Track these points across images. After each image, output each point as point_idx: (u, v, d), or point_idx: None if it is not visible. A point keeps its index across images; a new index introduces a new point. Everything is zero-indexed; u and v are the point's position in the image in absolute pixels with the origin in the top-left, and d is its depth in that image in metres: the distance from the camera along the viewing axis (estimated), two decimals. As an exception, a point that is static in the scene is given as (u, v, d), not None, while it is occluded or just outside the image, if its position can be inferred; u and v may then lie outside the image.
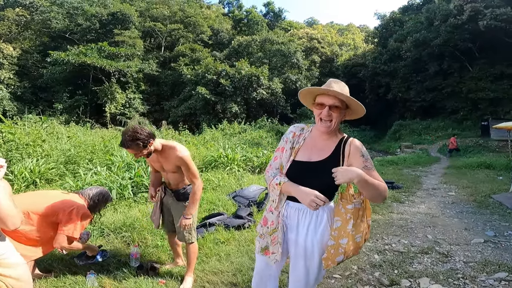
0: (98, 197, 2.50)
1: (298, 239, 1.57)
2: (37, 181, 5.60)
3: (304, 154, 1.57)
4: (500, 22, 19.70)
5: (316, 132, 1.60)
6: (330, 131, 1.53)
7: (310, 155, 1.55)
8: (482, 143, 17.59)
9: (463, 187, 7.07)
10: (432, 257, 3.45)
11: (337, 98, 1.47)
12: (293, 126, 1.69)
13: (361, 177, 1.31)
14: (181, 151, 2.40)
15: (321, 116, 1.49)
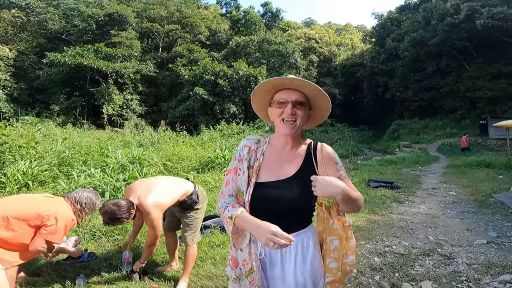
0: (85, 200, 2.39)
1: (286, 277, 1.25)
2: (29, 184, 5.50)
3: (268, 173, 1.26)
4: (497, 21, 19.71)
5: (277, 142, 1.31)
6: (295, 135, 1.26)
7: (277, 173, 1.25)
8: (481, 142, 17.57)
9: (464, 187, 6.99)
10: (434, 259, 3.36)
11: (301, 93, 1.23)
12: (246, 139, 1.36)
13: (345, 192, 1.09)
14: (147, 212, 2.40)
15: (284, 116, 1.21)
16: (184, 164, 7.39)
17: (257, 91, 1.28)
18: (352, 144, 18.02)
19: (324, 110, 1.30)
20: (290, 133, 1.22)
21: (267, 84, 1.24)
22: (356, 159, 13.85)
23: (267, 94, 1.29)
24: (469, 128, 21.74)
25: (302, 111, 1.22)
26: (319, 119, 1.35)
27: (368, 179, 7.41)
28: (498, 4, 20.09)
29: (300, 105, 1.22)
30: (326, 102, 1.26)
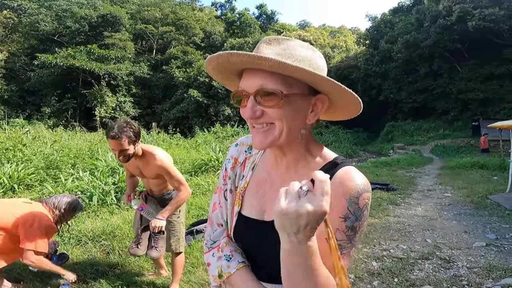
0: (65, 206, 2.27)
1: None
2: (15, 187, 5.34)
3: (253, 202, 0.80)
4: (489, 23, 19.84)
5: (268, 156, 0.82)
6: (279, 145, 0.70)
7: (263, 205, 0.78)
8: (474, 143, 17.67)
9: (459, 188, 6.96)
10: (433, 263, 3.29)
11: (276, 73, 0.64)
12: (235, 145, 0.92)
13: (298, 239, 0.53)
14: (161, 159, 2.20)
15: (246, 117, 0.69)
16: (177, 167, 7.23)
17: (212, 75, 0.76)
18: (346, 146, 18.05)
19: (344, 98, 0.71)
20: (260, 144, 0.69)
21: (213, 64, 0.70)
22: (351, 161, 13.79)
23: (232, 77, 0.75)
24: (462, 130, 21.89)
25: (276, 107, 0.65)
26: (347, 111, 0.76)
27: (364, 181, 7.32)
28: (490, 5, 20.24)
29: (268, 96, 0.64)
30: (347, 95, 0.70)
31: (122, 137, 2.02)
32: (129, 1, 38.91)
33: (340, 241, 0.65)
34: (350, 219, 0.65)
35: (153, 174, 2.28)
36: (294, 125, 0.68)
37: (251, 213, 0.80)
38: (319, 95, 0.70)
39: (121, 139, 2.02)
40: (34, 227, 2.00)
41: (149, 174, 2.30)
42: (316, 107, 0.70)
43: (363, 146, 24.11)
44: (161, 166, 2.19)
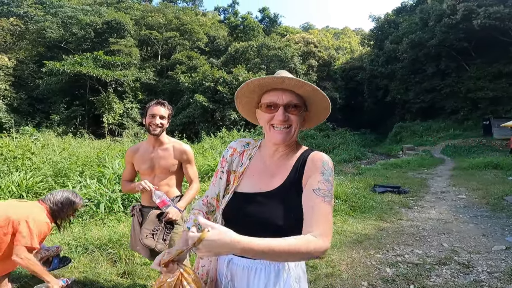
0: (62, 200, 2.20)
1: None
2: (24, 195, 5.35)
3: (250, 182, 1.07)
4: (494, 21, 19.59)
5: (267, 150, 1.11)
6: (290, 143, 1.06)
7: (259, 183, 1.06)
8: (485, 142, 17.32)
9: (474, 189, 6.76)
10: (451, 268, 3.16)
11: (294, 93, 1.01)
12: (234, 141, 1.22)
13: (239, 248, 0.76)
14: (186, 144, 2.24)
15: (274, 122, 1.01)
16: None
17: (240, 93, 1.07)
18: (354, 148, 17.79)
19: (322, 110, 1.09)
20: (282, 141, 1.02)
21: (252, 84, 1.02)
22: (360, 163, 13.62)
23: (253, 95, 1.08)
24: (473, 129, 21.51)
25: (297, 115, 1.02)
26: (317, 120, 1.15)
27: (374, 184, 7.17)
28: (494, 3, 20.03)
29: (294, 108, 1.01)
30: (324, 102, 1.05)
31: (166, 105, 2.14)
32: (132, 8, 39.41)
33: (323, 190, 0.95)
34: (325, 174, 0.99)
35: (169, 166, 2.15)
36: (298, 129, 1.04)
37: (249, 189, 1.06)
38: (306, 112, 1.08)
39: (167, 107, 2.14)
40: (26, 222, 1.96)
41: (165, 165, 2.14)
42: (305, 121, 1.10)
43: (371, 147, 23.81)
44: (186, 150, 2.18)
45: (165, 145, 2.17)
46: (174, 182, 2.22)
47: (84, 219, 4.29)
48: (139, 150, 2.21)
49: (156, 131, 2.08)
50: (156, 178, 2.16)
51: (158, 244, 1.98)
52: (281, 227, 0.96)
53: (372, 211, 5.17)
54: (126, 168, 2.30)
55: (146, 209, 2.17)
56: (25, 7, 31.44)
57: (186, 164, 2.20)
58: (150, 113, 2.08)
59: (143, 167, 2.17)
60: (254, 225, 0.98)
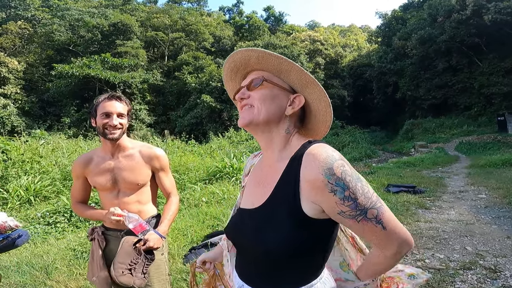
0: None
1: None
2: (32, 199, 5.32)
3: (246, 195, 0.94)
4: (505, 16, 19.30)
5: (265, 156, 0.92)
6: (254, 126, 0.83)
7: (252, 197, 0.89)
8: (501, 139, 16.80)
9: (494, 189, 6.46)
10: (477, 273, 2.97)
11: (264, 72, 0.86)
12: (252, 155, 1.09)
13: None
14: (159, 149, 1.73)
15: (237, 100, 0.88)
16: (191, 174, 7.09)
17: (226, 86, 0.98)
18: (365, 146, 17.49)
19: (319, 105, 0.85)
20: (242, 120, 0.83)
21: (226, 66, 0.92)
22: (371, 161, 13.35)
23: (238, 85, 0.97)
24: (487, 125, 20.99)
25: (259, 90, 0.82)
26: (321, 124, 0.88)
27: (388, 184, 6.93)
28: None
29: (254, 82, 0.84)
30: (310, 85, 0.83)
31: (122, 99, 1.61)
32: (138, 9, 39.72)
33: (347, 212, 0.70)
34: (338, 191, 0.69)
35: (137, 178, 1.63)
36: (271, 109, 0.82)
37: (245, 204, 0.90)
38: (297, 94, 0.85)
39: (124, 101, 1.62)
40: None
41: (131, 178, 1.62)
42: (294, 103, 0.84)
43: (381, 145, 23.44)
44: (158, 155, 1.68)
45: (128, 151, 1.65)
46: (146, 198, 1.70)
47: (91, 223, 4.21)
48: (93, 160, 1.64)
49: (115, 134, 1.56)
50: (121, 195, 1.63)
51: (137, 279, 1.52)
52: (269, 251, 0.76)
53: (387, 212, 4.95)
54: (75, 184, 1.71)
55: (111, 233, 1.65)
56: (32, 10, 31.93)
57: (159, 172, 1.71)
58: (103, 111, 1.54)
59: (101, 182, 1.61)
60: (246, 248, 0.85)
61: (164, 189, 1.74)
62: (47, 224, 4.32)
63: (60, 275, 2.93)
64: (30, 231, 4.10)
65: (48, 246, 3.68)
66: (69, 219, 4.44)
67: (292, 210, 0.74)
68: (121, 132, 1.59)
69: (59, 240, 3.87)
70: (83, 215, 1.72)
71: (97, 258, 1.61)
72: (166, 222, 1.63)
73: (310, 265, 0.80)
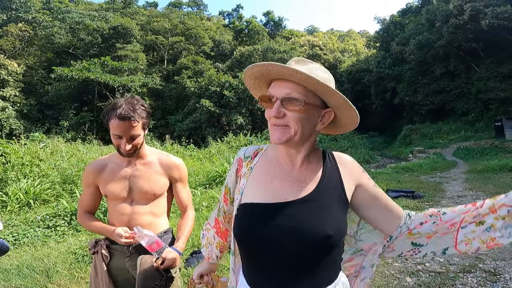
0: None
1: None
2: (31, 203, 5.31)
3: (262, 190, 0.90)
4: (502, 21, 19.39)
5: (280, 153, 0.95)
6: (294, 144, 0.88)
7: (281, 192, 0.88)
8: (498, 144, 16.94)
9: (492, 194, 6.50)
10: (477, 276, 3.02)
11: (300, 86, 0.83)
12: (243, 148, 1.05)
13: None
14: (178, 158, 1.65)
15: (267, 117, 0.88)
16: (191, 179, 7.10)
17: (246, 79, 0.94)
18: (363, 152, 17.56)
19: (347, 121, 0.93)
20: (277, 140, 0.85)
21: (254, 69, 0.88)
22: (369, 167, 13.39)
23: (262, 84, 0.94)
24: (484, 131, 21.14)
25: (295, 112, 0.83)
26: (348, 124, 0.94)
27: (387, 189, 6.96)
28: (501, 3, 19.86)
29: (293, 102, 0.82)
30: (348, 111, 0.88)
31: (135, 117, 1.41)
32: (138, 13, 39.98)
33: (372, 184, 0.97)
34: (365, 172, 0.99)
35: (153, 188, 1.53)
36: (306, 129, 0.86)
37: (267, 199, 0.87)
38: (328, 109, 0.88)
39: (138, 116, 1.42)
40: None
41: (147, 187, 1.52)
42: (324, 118, 0.89)
43: (379, 150, 23.54)
44: (177, 165, 1.59)
45: (146, 159, 1.56)
46: (161, 210, 1.60)
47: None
48: (107, 166, 1.54)
49: (129, 155, 1.47)
50: (134, 205, 1.52)
51: None
52: (330, 236, 0.82)
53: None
54: (85, 192, 1.57)
55: (116, 247, 1.53)
56: (33, 13, 32.04)
57: (177, 183, 1.61)
58: (114, 132, 1.42)
59: (115, 190, 1.50)
60: (287, 241, 0.83)
61: (180, 201, 1.63)
62: (47, 227, 4.32)
63: (61, 279, 2.93)
64: (30, 234, 4.09)
65: (49, 249, 3.67)
66: (69, 223, 4.44)
67: (339, 196, 0.90)
68: (136, 150, 1.48)
69: (59, 243, 3.87)
70: (89, 228, 1.55)
71: (102, 274, 1.51)
72: (184, 239, 1.51)
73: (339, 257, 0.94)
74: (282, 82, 0.85)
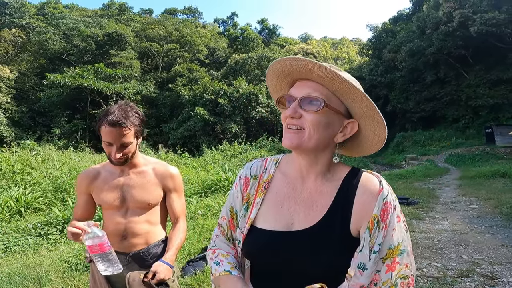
0: None
1: None
2: (22, 211, 5.21)
3: (272, 214, 0.83)
4: (491, 27, 19.65)
5: (292, 167, 0.87)
6: (307, 150, 0.78)
7: (288, 219, 0.81)
8: (489, 150, 17.21)
9: (485, 199, 6.60)
10: (475, 280, 3.03)
11: (324, 87, 0.76)
12: (248, 165, 0.95)
13: None
14: (173, 167, 1.61)
15: (283, 118, 0.80)
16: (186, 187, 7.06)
17: (268, 80, 0.87)
18: (357, 159, 17.63)
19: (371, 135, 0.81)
20: (289, 143, 0.76)
21: (276, 66, 0.80)
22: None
23: (284, 87, 0.86)
24: (475, 137, 21.44)
25: (315, 114, 0.74)
26: (373, 141, 0.82)
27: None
28: (489, 10, 20.09)
29: (312, 102, 0.74)
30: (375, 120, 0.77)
31: (127, 124, 1.36)
32: (133, 20, 39.95)
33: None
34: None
35: (148, 197, 1.49)
36: (323, 136, 0.76)
37: (272, 224, 0.81)
38: (351, 119, 0.78)
39: (126, 127, 1.36)
40: None
41: (141, 197, 1.48)
42: (346, 129, 0.78)
43: (373, 158, 23.66)
44: (172, 174, 1.55)
45: (140, 168, 1.52)
46: (157, 219, 1.56)
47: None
48: (100, 174, 1.50)
49: (120, 163, 1.42)
50: (129, 214, 1.48)
51: None
52: (328, 271, 0.76)
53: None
54: (78, 201, 1.54)
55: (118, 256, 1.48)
56: (28, 18, 31.75)
57: (171, 193, 1.56)
58: (105, 139, 1.38)
59: (109, 200, 1.45)
60: (286, 272, 0.80)
61: (173, 212, 1.57)
62: (38, 235, 4.23)
63: (54, 287, 2.86)
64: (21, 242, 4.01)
65: (40, 258, 3.60)
66: (61, 231, 4.35)
67: (344, 233, 0.76)
68: (127, 158, 1.43)
69: (51, 251, 3.79)
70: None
71: (100, 281, 1.47)
72: (174, 250, 1.47)
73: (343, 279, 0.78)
74: (304, 82, 0.78)
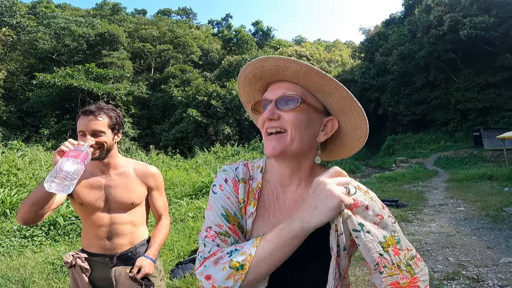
0: None
1: None
2: (7, 212, 5.09)
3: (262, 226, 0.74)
4: (480, 31, 19.97)
5: (275, 174, 0.78)
6: (291, 156, 0.72)
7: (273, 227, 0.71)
8: (477, 153, 17.53)
9: (472, 201, 6.71)
10: (461, 283, 3.07)
11: (297, 86, 0.72)
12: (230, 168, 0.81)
13: None
14: (154, 167, 1.64)
15: (260, 122, 0.75)
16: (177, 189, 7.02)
17: (240, 89, 0.82)
18: (349, 162, 17.78)
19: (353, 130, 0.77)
20: (272, 150, 0.70)
21: (247, 72, 0.76)
22: (355, 177, 13.53)
23: (257, 94, 0.82)
24: (463, 140, 21.76)
25: (294, 111, 0.70)
26: (355, 136, 0.78)
27: (372, 198, 7.06)
28: (479, 13, 20.42)
29: (288, 101, 0.70)
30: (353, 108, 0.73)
31: (100, 113, 1.39)
32: (126, 20, 39.55)
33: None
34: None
35: (130, 197, 1.49)
36: (305, 136, 0.71)
37: None
38: (330, 117, 0.75)
39: (98, 115, 1.38)
40: None
41: (123, 197, 1.48)
42: (327, 128, 0.75)
43: (364, 161, 23.89)
44: (153, 173, 1.57)
45: (120, 169, 1.51)
46: (141, 219, 1.57)
47: (71, 237, 4.06)
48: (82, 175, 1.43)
49: (95, 154, 1.37)
50: (113, 215, 1.47)
51: None
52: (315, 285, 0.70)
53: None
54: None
55: (97, 259, 1.47)
56: (18, 17, 31.13)
57: (153, 192, 1.59)
58: (78, 129, 1.38)
59: (90, 200, 1.43)
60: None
61: (156, 209, 1.61)
62: (23, 237, 4.14)
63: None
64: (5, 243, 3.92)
65: (25, 259, 3.52)
66: (47, 233, 4.27)
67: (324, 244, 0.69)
68: (102, 151, 1.40)
69: (36, 253, 3.71)
70: (26, 201, 1.27)
71: (83, 286, 1.44)
72: (156, 246, 1.53)
73: None
74: (277, 84, 0.74)
